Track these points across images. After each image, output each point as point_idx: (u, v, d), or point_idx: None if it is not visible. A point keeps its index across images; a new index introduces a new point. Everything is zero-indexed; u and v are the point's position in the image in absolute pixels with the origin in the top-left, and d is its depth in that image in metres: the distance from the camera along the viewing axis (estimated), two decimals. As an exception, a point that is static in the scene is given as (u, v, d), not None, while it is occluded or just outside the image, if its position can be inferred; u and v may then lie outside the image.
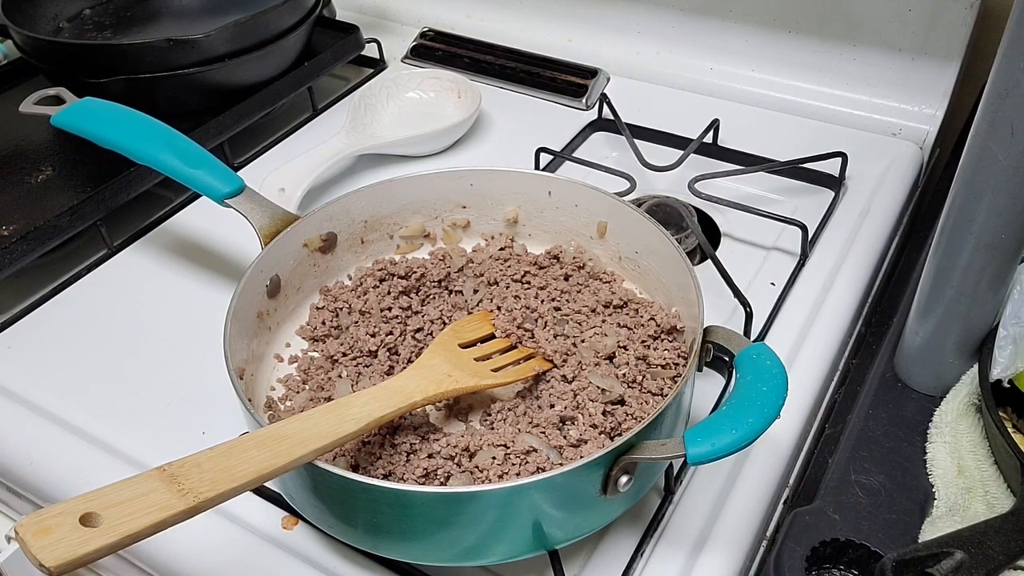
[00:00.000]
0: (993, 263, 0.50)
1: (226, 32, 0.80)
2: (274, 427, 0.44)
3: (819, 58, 0.88)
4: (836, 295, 0.68)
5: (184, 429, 0.59)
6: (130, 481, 0.38)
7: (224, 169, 0.62)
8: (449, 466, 0.50)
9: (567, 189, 0.65)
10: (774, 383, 0.45)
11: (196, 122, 0.80)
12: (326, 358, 0.59)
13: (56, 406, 0.62)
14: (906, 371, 0.58)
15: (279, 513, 0.54)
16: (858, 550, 0.49)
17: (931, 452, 0.54)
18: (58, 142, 0.82)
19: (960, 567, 0.43)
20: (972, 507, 0.50)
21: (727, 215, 0.76)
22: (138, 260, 0.74)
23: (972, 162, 0.48)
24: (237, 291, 0.55)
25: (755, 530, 0.54)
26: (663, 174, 0.79)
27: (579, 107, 0.91)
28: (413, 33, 1.03)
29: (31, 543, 0.34)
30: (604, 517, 0.49)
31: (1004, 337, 0.53)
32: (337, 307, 0.62)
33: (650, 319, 0.59)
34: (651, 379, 0.56)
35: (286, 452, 0.43)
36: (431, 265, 0.66)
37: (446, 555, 0.47)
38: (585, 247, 0.66)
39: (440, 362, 0.54)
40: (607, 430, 0.52)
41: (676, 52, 0.94)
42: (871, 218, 0.76)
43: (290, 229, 0.60)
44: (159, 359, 0.65)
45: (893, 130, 0.85)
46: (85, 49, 0.81)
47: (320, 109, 0.92)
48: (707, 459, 0.43)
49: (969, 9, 0.79)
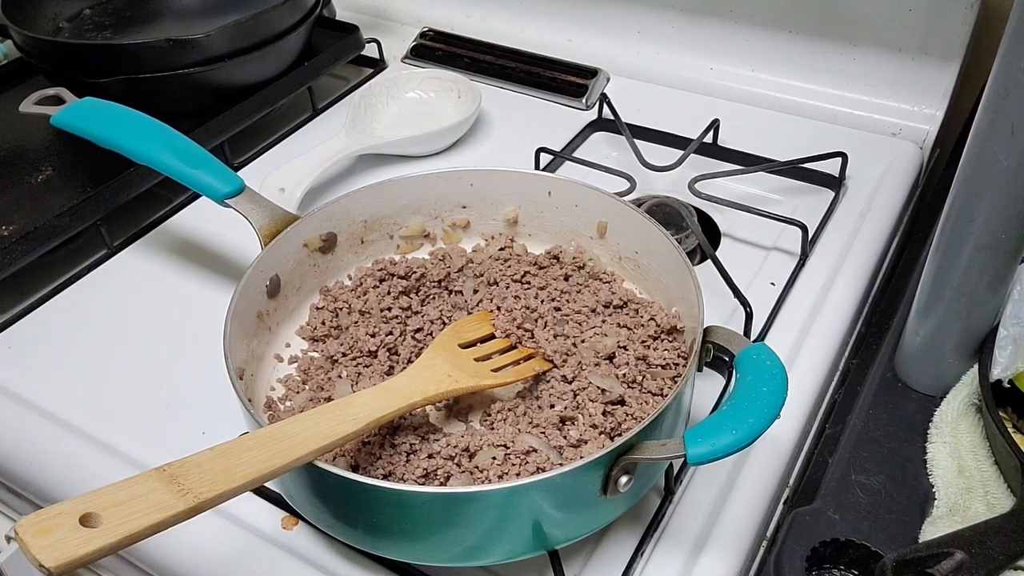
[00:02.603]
0: (993, 263, 0.50)
1: (226, 32, 0.80)
2: (274, 427, 0.44)
3: (819, 58, 0.88)
4: (836, 295, 0.68)
5: (184, 429, 0.59)
6: (130, 481, 0.38)
7: (224, 169, 0.62)
8: (449, 466, 0.50)
9: (567, 189, 0.65)
10: (774, 383, 0.45)
11: (196, 122, 0.80)
12: (326, 358, 0.59)
13: (56, 406, 0.61)
14: (906, 371, 0.58)
15: (279, 513, 0.54)
16: (858, 550, 0.49)
17: (931, 452, 0.54)
18: (58, 142, 0.82)
19: (960, 567, 0.43)
20: (972, 507, 0.50)
21: (727, 215, 0.76)
22: (138, 260, 0.74)
23: (972, 162, 0.48)
24: (237, 291, 0.55)
25: (755, 530, 0.54)
26: (663, 174, 0.79)
27: (579, 107, 0.91)
28: (413, 33, 1.03)
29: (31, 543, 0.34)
30: (604, 517, 0.49)
31: (1004, 337, 0.53)
32: (337, 307, 0.62)
33: (650, 319, 0.59)
34: (651, 379, 0.56)
35: (286, 452, 0.43)
36: (431, 265, 0.66)
37: (446, 555, 0.47)
38: (585, 247, 0.66)
39: (440, 362, 0.54)
40: (607, 430, 0.52)
41: (676, 52, 0.94)
42: (871, 218, 0.76)
43: (290, 229, 0.60)
44: (159, 359, 0.65)
45: (893, 130, 0.85)
46: (85, 49, 0.81)
47: (320, 109, 0.92)
48: (707, 459, 0.43)
49: (969, 9, 0.79)
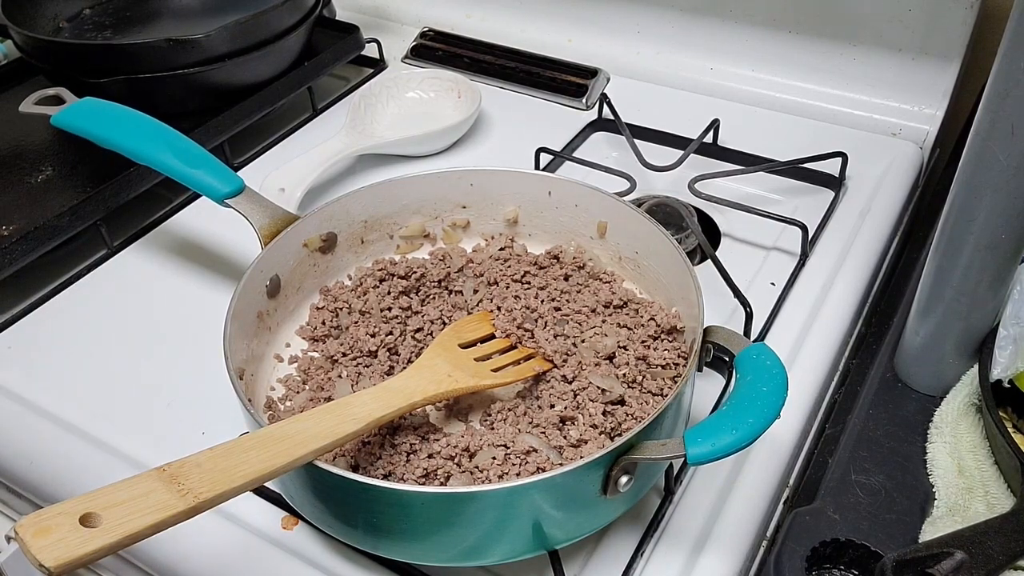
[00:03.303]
0: (993, 263, 0.50)
1: (226, 32, 0.80)
2: (273, 427, 0.44)
3: (819, 58, 0.88)
4: (836, 295, 0.68)
5: (184, 429, 0.59)
6: (130, 481, 0.38)
7: (224, 169, 0.62)
8: (449, 466, 0.50)
9: (567, 189, 0.65)
10: (774, 383, 0.45)
11: (196, 122, 0.80)
12: (326, 358, 0.59)
13: (56, 406, 0.61)
14: (906, 371, 0.58)
15: (279, 513, 0.54)
16: (858, 550, 0.49)
17: (931, 452, 0.54)
18: (58, 142, 0.82)
19: (960, 567, 0.43)
20: (972, 507, 0.50)
21: (727, 215, 0.76)
22: (138, 260, 0.74)
23: (972, 162, 0.48)
24: (237, 291, 0.55)
25: (755, 530, 0.54)
26: (663, 174, 0.79)
27: (579, 107, 0.91)
28: (413, 33, 1.03)
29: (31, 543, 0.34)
30: (604, 517, 0.49)
31: (1004, 337, 0.53)
32: (337, 307, 0.62)
33: (650, 319, 0.59)
34: (651, 379, 0.56)
35: (286, 452, 0.43)
36: (431, 265, 0.66)
37: (446, 555, 0.47)
38: (585, 247, 0.66)
39: (440, 362, 0.54)
40: (607, 430, 0.52)
41: (676, 52, 0.94)
42: (871, 218, 0.76)
43: (290, 229, 0.60)
44: (159, 359, 0.65)
45: (893, 130, 0.85)
46: (85, 49, 0.81)
47: (320, 109, 0.92)
48: (707, 459, 0.43)
49: (969, 9, 0.79)
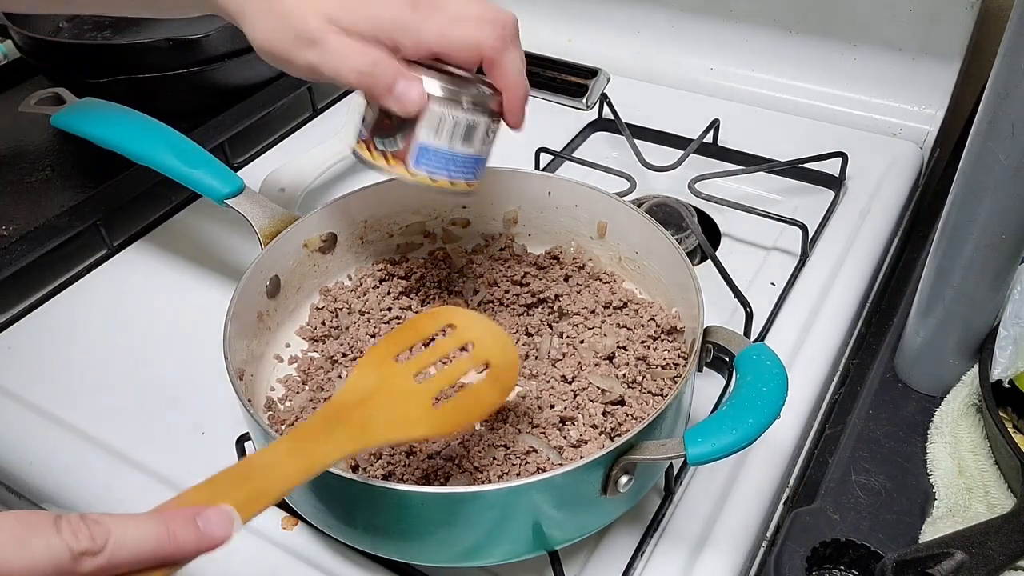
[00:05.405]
0: (993, 263, 0.50)
1: (226, 32, 0.80)
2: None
3: (819, 58, 0.88)
4: (836, 295, 0.68)
5: (184, 429, 0.59)
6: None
7: (224, 169, 0.62)
8: (449, 466, 0.50)
9: (567, 189, 0.65)
10: (774, 383, 0.45)
11: (196, 122, 0.80)
12: (326, 358, 0.59)
13: (56, 406, 0.61)
14: (906, 371, 0.58)
15: (279, 513, 0.54)
16: (858, 550, 0.49)
17: (931, 452, 0.54)
18: (58, 142, 0.82)
19: (960, 568, 0.43)
20: (972, 507, 0.50)
21: (727, 215, 0.76)
22: (138, 260, 0.74)
23: (972, 162, 0.48)
24: (237, 291, 0.55)
25: (755, 530, 0.54)
26: (663, 174, 0.79)
27: (579, 107, 0.91)
28: (413, 33, 1.03)
29: None
30: (604, 517, 0.49)
31: (1004, 337, 0.53)
32: (337, 307, 0.62)
33: (650, 319, 0.59)
34: (651, 379, 0.55)
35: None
36: (431, 265, 0.65)
37: (446, 555, 0.47)
38: (585, 247, 0.66)
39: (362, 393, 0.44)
40: (607, 430, 0.52)
41: (676, 52, 0.94)
42: (871, 218, 0.76)
43: (290, 229, 0.60)
44: (159, 359, 0.65)
45: (893, 130, 0.85)
46: (85, 49, 0.81)
47: (320, 109, 0.92)
48: (707, 459, 0.43)
49: (969, 9, 0.79)
